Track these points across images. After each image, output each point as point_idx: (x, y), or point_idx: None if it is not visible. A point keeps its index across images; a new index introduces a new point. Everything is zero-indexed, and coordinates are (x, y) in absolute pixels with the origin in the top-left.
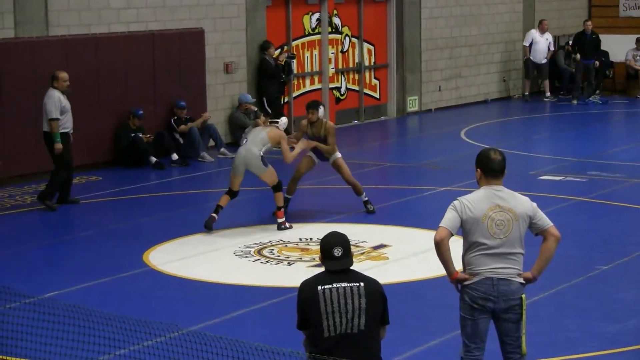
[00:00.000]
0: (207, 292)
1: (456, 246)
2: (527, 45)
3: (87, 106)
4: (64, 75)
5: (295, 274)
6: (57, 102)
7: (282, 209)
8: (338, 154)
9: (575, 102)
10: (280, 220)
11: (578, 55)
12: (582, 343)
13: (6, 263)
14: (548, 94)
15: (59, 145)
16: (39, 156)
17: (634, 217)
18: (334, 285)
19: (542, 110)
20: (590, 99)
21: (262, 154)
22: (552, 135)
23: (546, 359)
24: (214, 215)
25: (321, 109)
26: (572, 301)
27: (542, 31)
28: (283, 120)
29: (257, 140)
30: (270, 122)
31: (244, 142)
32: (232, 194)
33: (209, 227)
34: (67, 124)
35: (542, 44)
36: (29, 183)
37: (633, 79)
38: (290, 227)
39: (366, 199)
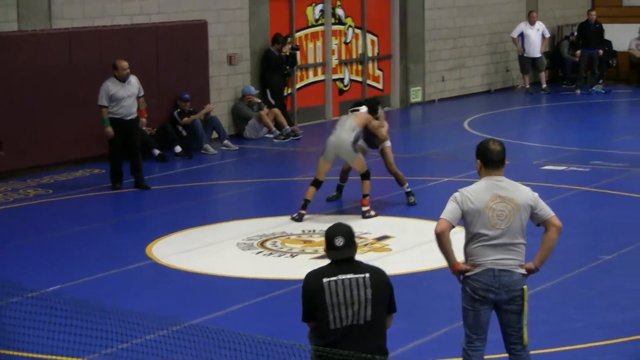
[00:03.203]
0: (209, 285)
1: (459, 237)
2: (516, 37)
3: (90, 99)
4: (122, 64)
5: (298, 266)
6: (103, 90)
7: (367, 197)
8: (388, 143)
9: (578, 91)
10: (365, 209)
11: (578, 52)
12: (586, 333)
13: (8, 257)
14: (544, 85)
15: (106, 129)
16: (40, 149)
17: (638, 207)
18: (340, 277)
19: (545, 101)
20: (594, 88)
21: (352, 139)
22: (555, 125)
23: (550, 349)
24: (302, 212)
25: (380, 110)
26: (575, 291)
27: (532, 23)
28: (364, 109)
29: (346, 126)
30: (352, 111)
31: (333, 130)
32: (317, 184)
33: (298, 221)
34: (118, 111)
35: (534, 36)
36: (32, 176)
37: (636, 68)
38: (376, 215)
39: (409, 190)
